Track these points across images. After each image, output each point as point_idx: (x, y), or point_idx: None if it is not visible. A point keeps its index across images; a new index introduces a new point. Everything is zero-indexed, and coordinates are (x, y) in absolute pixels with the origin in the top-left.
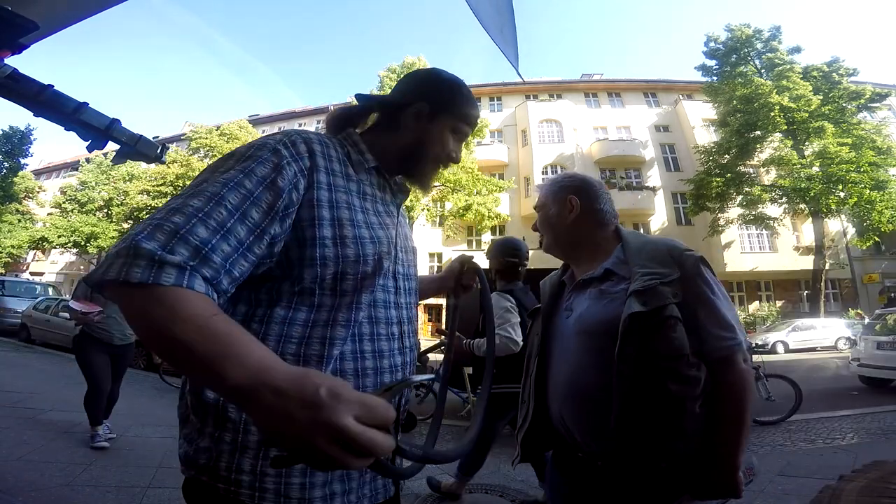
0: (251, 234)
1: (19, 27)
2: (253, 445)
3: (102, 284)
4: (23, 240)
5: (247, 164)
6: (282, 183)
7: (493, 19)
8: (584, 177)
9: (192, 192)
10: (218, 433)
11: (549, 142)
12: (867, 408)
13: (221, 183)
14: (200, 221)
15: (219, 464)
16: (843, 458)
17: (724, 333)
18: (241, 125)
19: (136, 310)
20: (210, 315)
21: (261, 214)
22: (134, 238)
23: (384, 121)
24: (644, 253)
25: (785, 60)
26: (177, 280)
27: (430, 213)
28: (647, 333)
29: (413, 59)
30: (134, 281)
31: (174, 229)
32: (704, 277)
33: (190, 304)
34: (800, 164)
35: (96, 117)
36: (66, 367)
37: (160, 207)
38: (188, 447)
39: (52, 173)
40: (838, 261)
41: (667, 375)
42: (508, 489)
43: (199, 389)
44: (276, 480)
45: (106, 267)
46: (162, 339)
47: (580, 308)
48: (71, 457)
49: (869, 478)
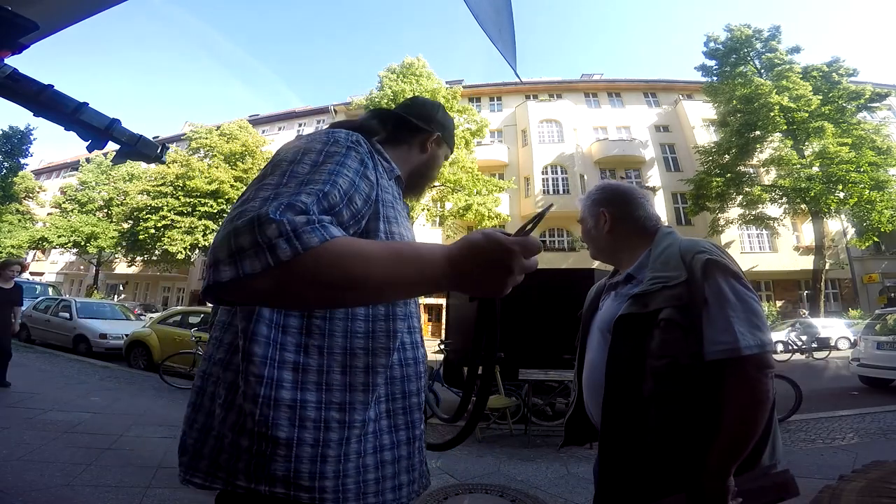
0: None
1: (19, 27)
2: (307, 454)
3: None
4: (23, 240)
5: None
6: (371, 176)
7: (491, 19)
8: (616, 186)
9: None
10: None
11: (549, 142)
12: (867, 408)
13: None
14: (325, 196)
15: (301, 470)
16: (843, 458)
17: (719, 338)
18: (241, 125)
19: (326, 268)
20: (387, 245)
21: (361, 198)
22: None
23: (402, 137)
24: (661, 257)
25: (784, 60)
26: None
27: (430, 213)
28: (641, 334)
29: (412, 60)
30: (314, 244)
31: (309, 200)
32: (714, 280)
33: (363, 244)
34: (800, 164)
35: (96, 117)
36: (66, 367)
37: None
38: (249, 459)
39: (52, 173)
40: (838, 261)
41: (653, 374)
42: (508, 489)
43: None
44: (335, 482)
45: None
46: (360, 279)
47: (604, 307)
48: (71, 457)
49: (869, 478)
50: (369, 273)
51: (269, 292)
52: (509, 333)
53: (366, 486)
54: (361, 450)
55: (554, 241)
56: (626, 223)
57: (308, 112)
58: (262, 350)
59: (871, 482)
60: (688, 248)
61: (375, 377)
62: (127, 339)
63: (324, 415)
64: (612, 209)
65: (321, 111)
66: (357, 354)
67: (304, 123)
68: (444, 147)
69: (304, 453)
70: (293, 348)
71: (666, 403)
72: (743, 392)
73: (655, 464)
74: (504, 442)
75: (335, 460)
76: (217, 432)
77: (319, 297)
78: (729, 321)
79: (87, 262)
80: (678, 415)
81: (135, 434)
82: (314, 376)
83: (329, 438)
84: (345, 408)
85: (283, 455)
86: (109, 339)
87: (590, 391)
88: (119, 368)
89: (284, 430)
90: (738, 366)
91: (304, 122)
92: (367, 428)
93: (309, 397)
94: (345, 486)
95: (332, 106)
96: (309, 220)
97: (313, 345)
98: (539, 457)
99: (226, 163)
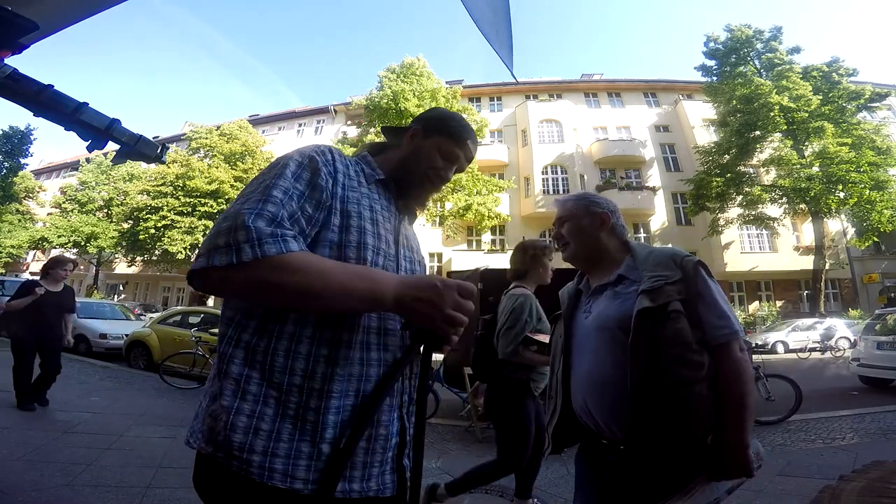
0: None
1: (19, 27)
2: (266, 427)
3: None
4: (23, 240)
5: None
6: (325, 184)
7: (488, 20)
8: (605, 198)
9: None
10: (237, 409)
11: (549, 142)
12: (867, 408)
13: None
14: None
15: (233, 441)
16: (843, 458)
17: (721, 322)
18: (241, 125)
19: (277, 275)
20: (336, 263)
21: (312, 204)
22: (245, 220)
23: (392, 142)
24: (650, 260)
25: (785, 61)
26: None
27: (430, 213)
28: (655, 325)
29: (412, 60)
30: (271, 254)
31: (271, 216)
32: (702, 277)
33: (314, 261)
34: (800, 164)
35: (96, 117)
36: (66, 366)
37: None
38: (213, 422)
39: (52, 173)
40: (838, 261)
41: (674, 361)
42: (508, 489)
43: (229, 364)
44: (285, 462)
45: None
46: (311, 290)
47: (598, 309)
48: (71, 457)
49: (869, 478)
50: (312, 284)
51: (229, 283)
52: None
53: (295, 470)
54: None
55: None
56: (615, 230)
57: (308, 112)
58: (224, 329)
59: (871, 482)
60: (676, 252)
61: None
62: (127, 339)
63: (264, 391)
64: (611, 215)
65: (321, 111)
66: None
67: (304, 123)
68: (432, 138)
69: (240, 426)
70: (248, 335)
71: (688, 386)
72: (742, 367)
73: (686, 449)
74: None
75: (266, 435)
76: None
77: (272, 296)
78: (723, 310)
79: (87, 262)
80: (700, 397)
81: (135, 434)
82: (260, 360)
83: (265, 412)
84: (282, 388)
85: (225, 424)
86: (109, 339)
87: (592, 390)
88: (119, 368)
89: (227, 399)
90: (732, 346)
91: (304, 122)
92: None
93: (254, 374)
94: (272, 465)
95: (332, 106)
96: (273, 233)
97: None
98: None
99: (226, 163)
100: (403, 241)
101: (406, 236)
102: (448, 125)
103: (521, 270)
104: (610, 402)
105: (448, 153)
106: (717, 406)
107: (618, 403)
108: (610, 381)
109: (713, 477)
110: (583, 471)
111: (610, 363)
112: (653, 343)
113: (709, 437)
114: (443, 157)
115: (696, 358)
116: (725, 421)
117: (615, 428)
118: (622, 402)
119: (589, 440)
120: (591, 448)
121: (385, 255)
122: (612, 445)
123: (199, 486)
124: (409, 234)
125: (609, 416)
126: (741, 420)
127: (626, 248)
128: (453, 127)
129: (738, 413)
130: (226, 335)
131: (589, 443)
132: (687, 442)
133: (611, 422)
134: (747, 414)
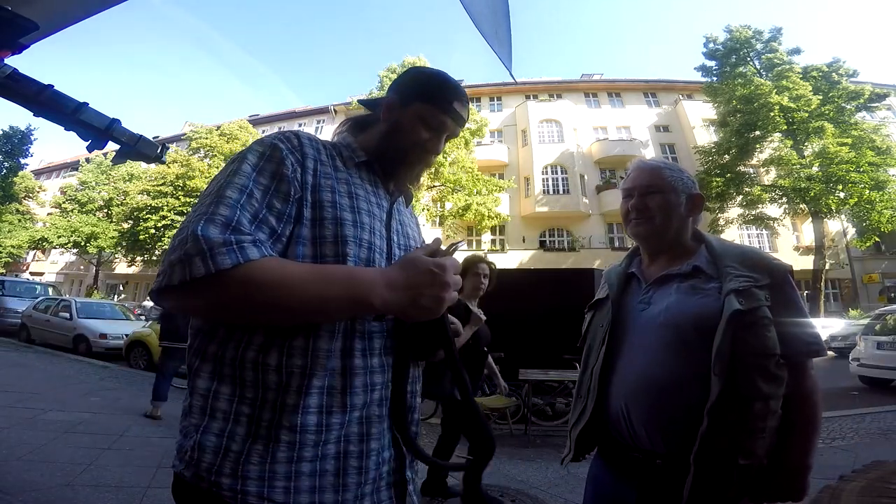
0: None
1: (19, 27)
2: (236, 448)
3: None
4: (23, 240)
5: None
6: (291, 174)
7: (487, 20)
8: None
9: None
10: (205, 427)
11: (549, 142)
12: (867, 408)
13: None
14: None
15: (202, 462)
16: (843, 458)
17: (808, 338)
18: (241, 125)
19: (242, 288)
20: (311, 267)
21: (279, 199)
22: (195, 231)
23: (372, 120)
24: (731, 256)
25: (784, 61)
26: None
27: (430, 213)
28: (741, 331)
29: (413, 59)
30: (226, 266)
31: (226, 221)
32: (791, 285)
33: (284, 269)
34: (800, 164)
35: (96, 117)
36: (66, 367)
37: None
38: (183, 440)
39: (52, 173)
40: (838, 261)
41: (758, 373)
42: (508, 489)
43: (196, 379)
44: (259, 484)
45: (182, 266)
46: (279, 303)
47: (666, 301)
48: (71, 457)
49: (869, 478)
50: (279, 296)
51: (189, 303)
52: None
53: (271, 493)
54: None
55: (554, 242)
56: (697, 214)
57: (308, 112)
58: (192, 340)
59: (871, 482)
60: (763, 254)
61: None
62: (127, 339)
63: (235, 407)
64: (701, 199)
65: (321, 111)
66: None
67: (303, 123)
68: (411, 106)
69: (208, 447)
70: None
71: (765, 401)
72: (817, 386)
73: (744, 469)
74: (504, 442)
75: (235, 458)
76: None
77: (237, 313)
78: (810, 324)
79: (87, 262)
80: (773, 414)
81: (135, 434)
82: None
83: (235, 431)
84: (254, 404)
85: (192, 444)
86: (109, 339)
87: (641, 394)
88: (119, 368)
89: (196, 417)
90: (808, 365)
91: (304, 122)
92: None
93: (223, 389)
94: (245, 488)
95: (332, 106)
96: (225, 241)
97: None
98: (539, 457)
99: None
100: (397, 228)
101: (401, 222)
102: (427, 89)
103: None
104: (661, 410)
105: (432, 121)
106: (784, 424)
107: (671, 412)
108: (668, 385)
109: (756, 499)
110: (603, 477)
111: (673, 366)
112: (734, 351)
113: (764, 459)
114: (427, 128)
115: (780, 372)
116: (792, 441)
117: (658, 439)
118: (677, 411)
119: (617, 448)
120: (620, 456)
121: (372, 246)
122: (646, 459)
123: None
124: (404, 220)
125: (656, 425)
126: (809, 442)
127: (696, 238)
128: (433, 90)
129: (808, 434)
130: (192, 346)
131: (616, 451)
132: (748, 461)
133: (655, 432)
134: (816, 436)
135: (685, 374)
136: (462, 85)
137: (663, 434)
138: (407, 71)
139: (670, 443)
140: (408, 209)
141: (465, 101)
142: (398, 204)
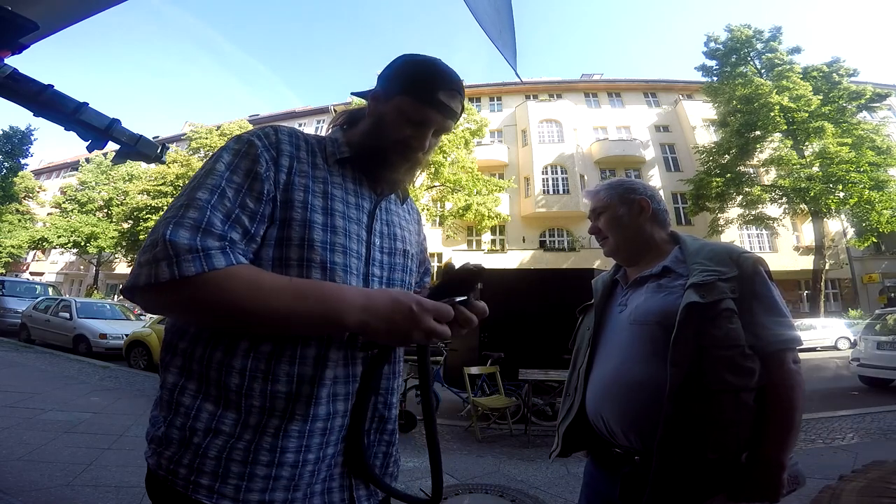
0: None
1: (19, 27)
2: (196, 441)
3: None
4: (23, 240)
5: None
6: (265, 172)
7: (491, 20)
8: (642, 181)
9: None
10: (169, 421)
11: (549, 142)
12: (867, 408)
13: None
14: (213, 211)
15: (164, 452)
16: (843, 458)
17: (782, 329)
18: (241, 125)
19: (205, 295)
20: (280, 279)
21: (252, 199)
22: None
23: (363, 114)
24: (702, 253)
25: (785, 61)
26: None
27: (430, 213)
28: (704, 324)
29: None
30: (190, 273)
31: (195, 224)
32: (762, 276)
33: (251, 275)
34: (800, 164)
35: (96, 117)
36: (66, 367)
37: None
38: (151, 429)
39: (52, 173)
40: (838, 261)
41: (723, 365)
42: (508, 489)
43: (166, 375)
44: (211, 478)
45: (152, 271)
46: (244, 314)
47: (636, 302)
48: (71, 457)
49: (869, 478)
50: (244, 308)
51: (157, 305)
52: (509, 333)
53: (223, 488)
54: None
55: (554, 242)
56: (657, 216)
57: (308, 112)
58: (166, 336)
59: (871, 482)
60: (732, 248)
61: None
62: (127, 339)
63: (198, 403)
64: (651, 200)
65: (321, 111)
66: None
67: (303, 123)
68: (393, 100)
69: (173, 439)
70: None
71: (733, 394)
72: (795, 379)
73: (715, 464)
74: (504, 442)
75: (195, 447)
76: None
77: (203, 318)
78: (782, 314)
79: (87, 262)
80: (744, 407)
81: (135, 434)
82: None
83: (196, 427)
84: (219, 402)
85: (160, 436)
86: (109, 339)
87: (612, 391)
88: (119, 368)
89: (164, 410)
90: (787, 355)
91: (304, 123)
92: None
93: (189, 386)
94: (197, 480)
95: (331, 106)
96: (191, 248)
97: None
98: (539, 457)
99: None
100: (381, 230)
101: (387, 223)
102: (410, 79)
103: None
104: (632, 407)
105: (414, 116)
106: (758, 420)
107: (642, 409)
108: (638, 382)
109: (734, 497)
110: (594, 474)
111: (641, 363)
112: (698, 343)
113: (743, 455)
114: (410, 123)
115: (748, 364)
116: (766, 436)
117: (633, 436)
118: (647, 407)
119: (600, 446)
120: (603, 454)
121: (346, 250)
122: (626, 456)
123: (149, 493)
124: (392, 220)
125: (629, 422)
126: (785, 438)
127: (673, 239)
128: (417, 81)
129: (782, 429)
130: (166, 341)
131: (600, 449)
132: (719, 456)
133: (629, 429)
134: (793, 432)
135: (653, 372)
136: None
137: (638, 431)
138: (396, 58)
139: (646, 439)
140: (402, 207)
141: (454, 90)
142: (387, 203)
